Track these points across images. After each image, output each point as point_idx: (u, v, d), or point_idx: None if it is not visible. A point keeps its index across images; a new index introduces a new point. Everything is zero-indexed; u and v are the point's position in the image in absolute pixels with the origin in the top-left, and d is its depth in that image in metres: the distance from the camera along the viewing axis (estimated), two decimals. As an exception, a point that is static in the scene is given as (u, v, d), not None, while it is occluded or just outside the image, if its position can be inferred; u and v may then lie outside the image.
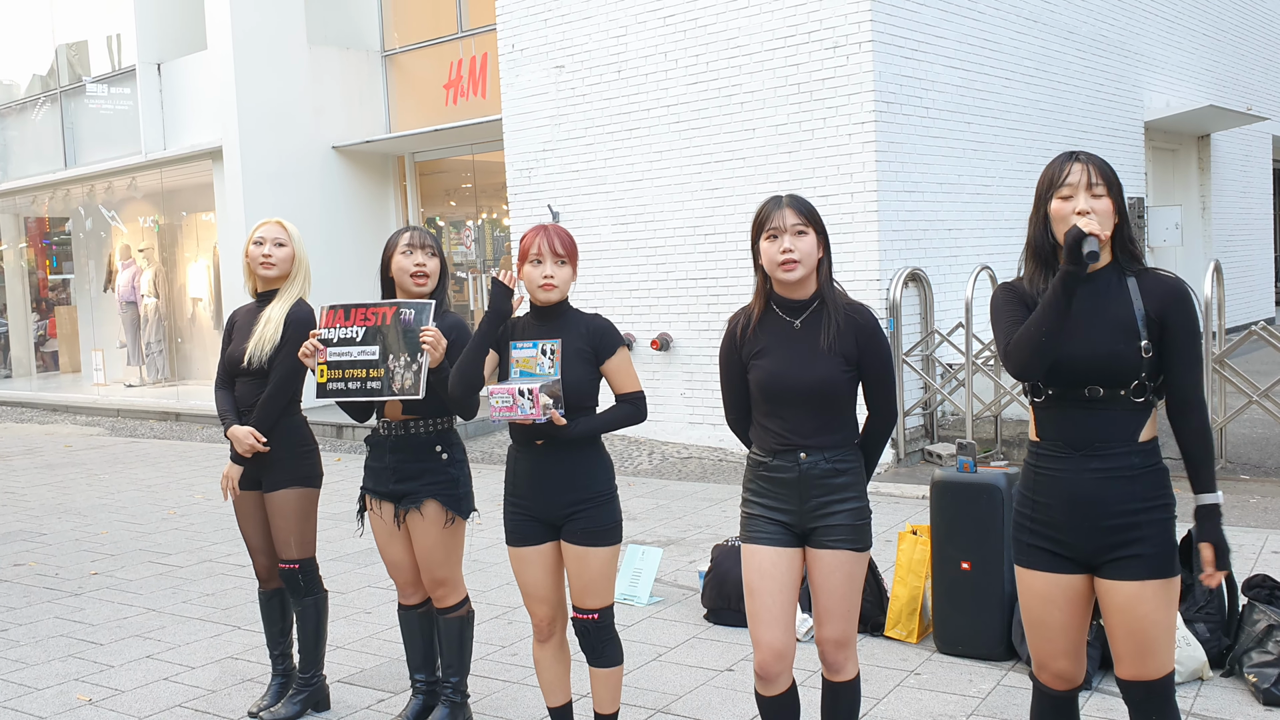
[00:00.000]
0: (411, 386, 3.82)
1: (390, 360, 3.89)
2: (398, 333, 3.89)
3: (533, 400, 3.42)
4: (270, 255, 4.38)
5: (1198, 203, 16.02)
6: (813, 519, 3.26)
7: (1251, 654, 4.37)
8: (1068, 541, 2.86)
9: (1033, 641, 3.00)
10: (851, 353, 3.23)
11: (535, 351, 3.55)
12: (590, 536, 3.61)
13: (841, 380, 3.22)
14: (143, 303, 16.11)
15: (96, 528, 8.28)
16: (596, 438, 3.67)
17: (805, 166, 9.38)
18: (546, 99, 11.08)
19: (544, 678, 3.84)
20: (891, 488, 8.34)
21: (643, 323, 10.56)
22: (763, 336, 3.32)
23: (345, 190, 13.93)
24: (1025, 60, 11.02)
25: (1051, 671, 2.99)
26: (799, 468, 3.24)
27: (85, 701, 4.79)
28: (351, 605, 6.03)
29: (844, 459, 3.27)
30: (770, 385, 3.26)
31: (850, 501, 3.26)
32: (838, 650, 3.30)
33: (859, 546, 3.26)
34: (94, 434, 13.87)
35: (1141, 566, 2.77)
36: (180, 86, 14.54)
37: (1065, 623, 2.92)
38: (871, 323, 3.27)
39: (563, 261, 3.59)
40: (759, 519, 3.32)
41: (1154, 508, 2.79)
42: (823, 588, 3.27)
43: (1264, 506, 7.30)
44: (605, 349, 3.62)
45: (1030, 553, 2.93)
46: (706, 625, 5.48)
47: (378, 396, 3.90)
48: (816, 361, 3.21)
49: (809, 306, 3.28)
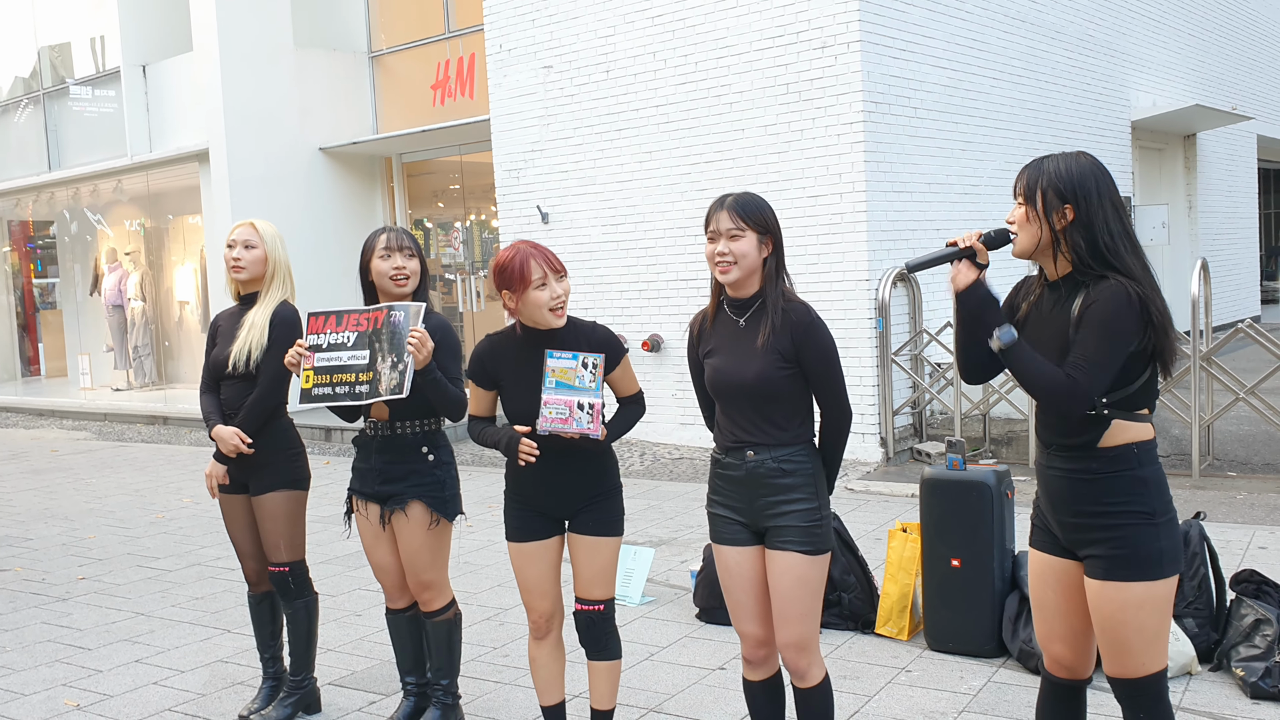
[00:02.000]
0: (396, 386, 3.81)
1: (378, 363, 3.88)
2: (388, 335, 3.88)
3: (592, 415, 3.43)
4: (239, 258, 4.36)
5: (1184, 202, 16.09)
6: (764, 518, 3.28)
7: (1239, 648, 4.39)
8: (1050, 528, 2.99)
9: (1035, 621, 3.09)
10: (788, 350, 3.23)
11: (575, 364, 3.49)
12: (601, 526, 3.66)
13: (779, 378, 3.22)
14: (129, 306, 16.05)
15: (84, 532, 8.24)
16: None
17: (794, 167, 9.39)
18: (535, 99, 11.07)
19: (539, 676, 3.84)
20: (881, 486, 8.35)
21: (633, 324, 10.56)
22: (714, 336, 3.38)
23: (332, 192, 13.90)
24: (1013, 60, 11.06)
25: (1050, 655, 3.06)
26: (745, 465, 3.28)
27: (73, 707, 4.76)
28: (342, 608, 6.02)
29: (792, 459, 3.25)
30: (716, 382, 3.33)
31: (800, 503, 3.24)
32: (798, 654, 3.29)
33: (810, 549, 3.23)
34: (81, 438, 13.81)
35: (1098, 566, 2.82)
36: (165, 89, 14.49)
37: (1059, 605, 2.99)
38: (806, 319, 3.24)
39: (561, 276, 3.58)
40: (720, 519, 3.38)
41: (1113, 512, 2.80)
42: (775, 590, 3.27)
43: (1251, 503, 7.33)
44: (613, 360, 3.64)
45: (1034, 532, 3.06)
46: (698, 624, 5.47)
47: (365, 400, 3.88)
48: (754, 359, 3.24)
49: (752, 305, 3.32)
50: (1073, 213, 2.82)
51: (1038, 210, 2.86)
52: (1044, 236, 2.87)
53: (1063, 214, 2.83)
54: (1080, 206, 2.82)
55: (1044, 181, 2.86)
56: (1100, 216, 2.81)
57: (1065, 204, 2.83)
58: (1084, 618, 2.97)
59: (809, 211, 9.30)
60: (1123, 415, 2.81)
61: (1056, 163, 2.88)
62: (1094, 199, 2.82)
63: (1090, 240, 2.82)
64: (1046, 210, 2.84)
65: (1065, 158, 2.89)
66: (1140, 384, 2.83)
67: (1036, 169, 2.90)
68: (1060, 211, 2.83)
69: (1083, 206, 2.82)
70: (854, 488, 8.41)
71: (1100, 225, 2.81)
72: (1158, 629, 2.81)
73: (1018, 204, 2.93)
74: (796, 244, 9.20)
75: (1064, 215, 2.83)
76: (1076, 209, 2.82)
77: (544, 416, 3.47)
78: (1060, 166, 2.86)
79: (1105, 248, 2.81)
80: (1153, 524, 2.79)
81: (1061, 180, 2.84)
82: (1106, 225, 2.82)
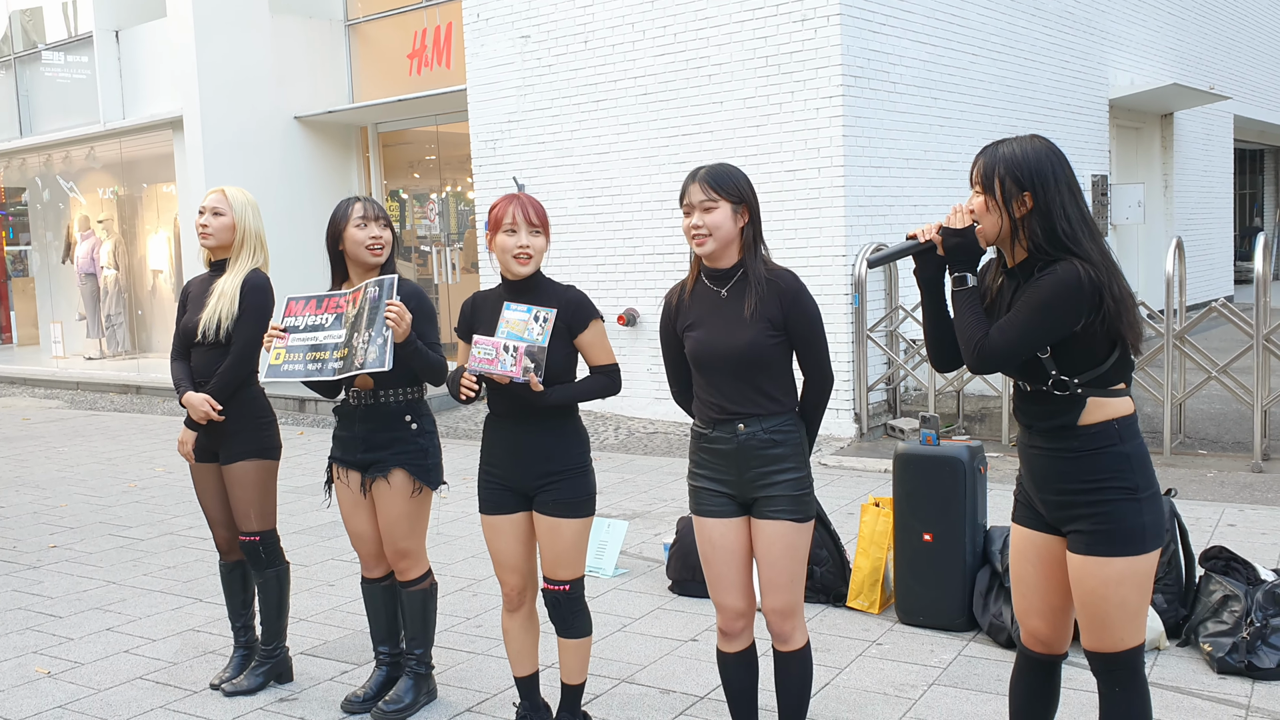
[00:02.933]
0: (376, 359, 3.79)
1: (355, 338, 3.86)
2: (367, 311, 3.86)
3: (515, 357, 3.43)
4: (207, 225, 4.33)
5: (1160, 181, 16.15)
6: (753, 489, 3.30)
7: (1207, 624, 4.43)
8: (1034, 504, 2.99)
9: (1014, 596, 3.11)
10: (776, 317, 3.25)
11: (528, 316, 3.51)
12: (562, 508, 3.62)
13: (768, 345, 3.24)
14: (102, 275, 15.90)
15: (55, 500, 8.19)
16: (572, 411, 3.68)
17: (772, 140, 9.36)
18: (512, 69, 10.99)
19: (512, 647, 3.85)
20: (854, 461, 8.39)
21: (609, 298, 10.53)
22: (694, 308, 3.37)
23: (307, 161, 13.79)
24: (992, 36, 11.04)
25: (1027, 629, 3.08)
26: (737, 438, 3.28)
27: (44, 674, 4.74)
28: (314, 578, 6.00)
29: (781, 429, 3.28)
30: (701, 354, 3.32)
31: (790, 472, 3.28)
32: (784, 620, 3.34)
33: (799, 517, 3.29)
34: (53, 407, 13.70)
35: (1080, 542, 2.83)
36: (139, 54, 14.31)
37: (1038, 580, 3.00)
38: (794, 286, 3.27)
39: (537, 231, 3.57)
40: (704, 491, 3.38)
41: (1096, 489, 2.80)
42: (764, 558, 3.31)
43: (1221, 480, 7.40)
44: (578, 323, 3.61)
45: (1017, 507, 3.07)
46: (671, 597, 5.49)
47: (339, 375, 3.87)
48: (742, 328, 3.24)
49: (734, 275, 3.31)
50: (1031, 200, 2.79)
51: (996, 199, 2.83)
52: (1005, 224, 2.84)
53: (1022, 201, 2.80)
54: (1038, 194, 2.79)
55: (1001, 169, 2.82)
56: (1058, 203, 2.78)
57: (1024, 191, 2.80)
58: (1063, 593, 2.98)
59: (786, 186, 9.28)
60: (1098, 393, 2.81)
61: (1012, 148, 2.83)
62: (1051, 185, 2.79)
63: (1048, 228, 2.78)
64: (1005, 199, 2.81)
65: (1019, 142, 2.85)
66: (1111, 363, 2.82)
67: (992, 156, 2.85)
68: (1020, 199, 2.80)
69: (1040, 194, 2.78)
70: (828, 463, 8.44)
71: (1059, 213, 2.78)
72: (1139, 604, 2.82)
73: (975, 192, 2.90)
74: (774, 219, 9.19)
75: (1023, 203, 2.80)
76: (1035, 196, 2.79)
77: (473, 356, 3.49)
78: (1016, 152, 2.82)
79: (1064, 234, 2.78)
80: (1135, 499, 2.80)
81: (1019, 167, 2.80)
82: (1064, 212, 2.78)
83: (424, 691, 4.23)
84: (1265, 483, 7.30)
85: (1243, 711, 3.97)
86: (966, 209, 2.90)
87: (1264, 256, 7.74)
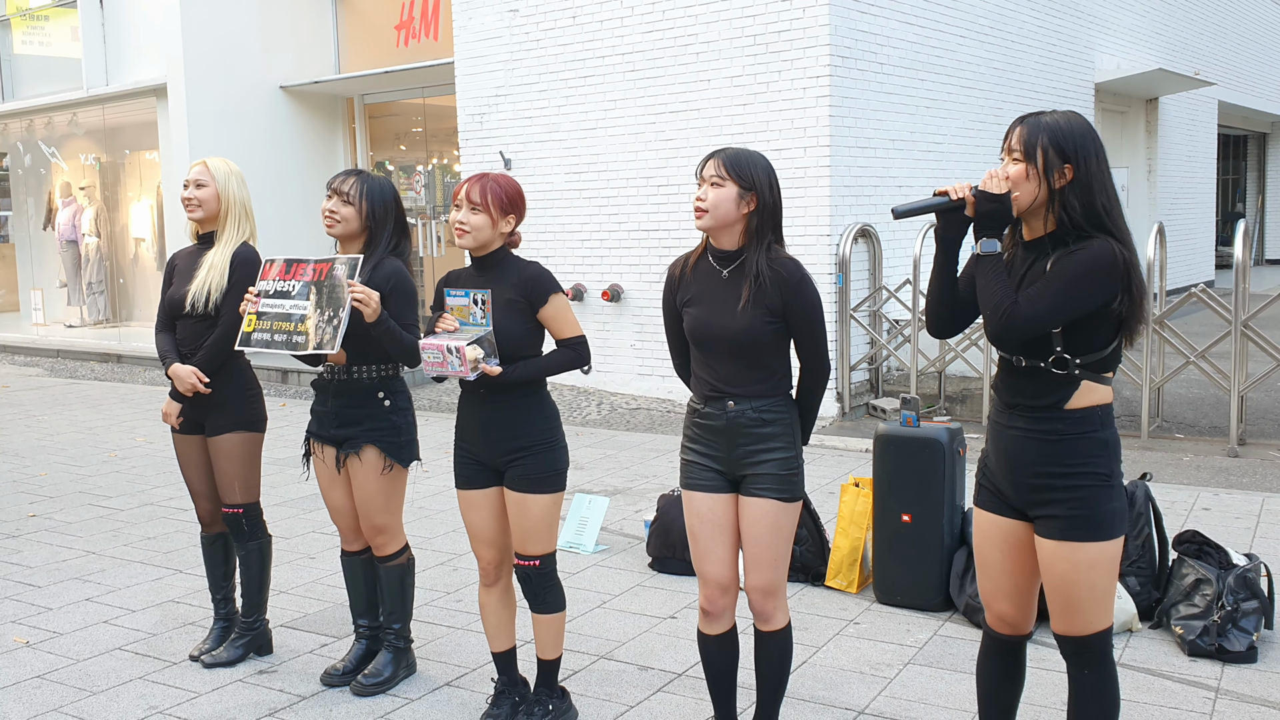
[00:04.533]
0: (328, 341, 3.79)
1: (316, 315, 3.85)
2: (328, 288, 3.86)
3: (460, 357, 3.45)
4: (191, 197, 4.32)
5: (1144, 165, 16.20)
6: (741, 466, 3.33)
7: (1179, 607, 4.49)
8: (1001, 488, 2.98)
9: (979, 580, 3.12)
10: (776, 305, 3.26)
11: (467, 301, 3.55)
12: (529, 483, 3.63)
13: (764, 331, 3.26)
14: (84, 242, 15.79)
15: (35, 469, 8.17)
16: (540, 385, 3.68)
17: (759, 119, 9.36)
18: (500, 43, 10.94)
19: (488, 622, 3.87)
20: (835, 440, 8.43)
21: (594, 273, 10.53)
22: (695, 283, 3.39)
23: (293, 131, 13.70)
24: (980, 18, 11.04)
25: (994, 612, 3.10)
26: (726, 415, 3.31)
27: (23, 644, 4.74)
28: (295, 550, 6.02)
29: (771, 409, 3.31)
30: (698, 332, 3.35)
31: (778, 452, 3.31)
32: (766, 599, 3.37)
33: (786, 496, 3.32)
34: (33, 375, 13.64)
35: (1054, 527, 2.84)
36: (124, 20, 14.17)
37: (1004, 565, 3.02)
38: (796, 276, 3.27)
39: (475, 209, 3.57)
40: (694, 465, 3.41)
41: (1075, 474, 2.81)
42: (749, 535, 3.34)
43: (1196, 465, 7.47)
44: (538, 298, 3.61)
45: (980, 492, 3.07)
46: (651, 574, 5.52)
47: (300, 350, 3.86)
48: (740, 312, 3.26)
49: (737, 258, 3.33)
50: (1072, 172, 2.78)
51: (1038, 167, 2.79)
52: (1041, 194, 2.81)
53: (1062, 172, 2.78)
54: (1080, 166, 2.77)
55: (1045, 138, 2.79)
56: (1099, 178, 2.78)
57: (1066, 163, 2.77)
58: (1029, 576, 3.02)
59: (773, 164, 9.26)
60: (1091, 377, 2.82)
61: (1055, 119, 2.81)
62: (1093, 159, 2.78)
63: (1087, 201, 2.77)
64: (1047, 168, 2.79)
65: (1063, 115, 2.83)
66: (1111, 349, 2.84)
67: (1035, 125, 2.82)
68: (1060, 170, 2.78)
69: (1082, 167, 2.77)
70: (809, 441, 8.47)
71: (1099, 187, 2.78)
72: (1107, 588, 2.85)
73: (1011, 159, 2.84)
74: (759, 197, 9.17)
75: (1063, 174, 2.78)
76: (1076, 169, 2.78)
77: (425, 361, 3.52)
78: (1060, 122, 2.80)
79: (1103, 209, 2.77)
80: (1109, 485, 2.83)
81: (1064, 137, 2.78)
82: (1104, 187, 2.78)
83: (403, 665, 4.25)
84: (1240, 468, 7.37)
85: (1212, 694, 4.03)
86: (1003, 174, 2.84)
87: (1244, 243, 7.79)
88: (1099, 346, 2.82)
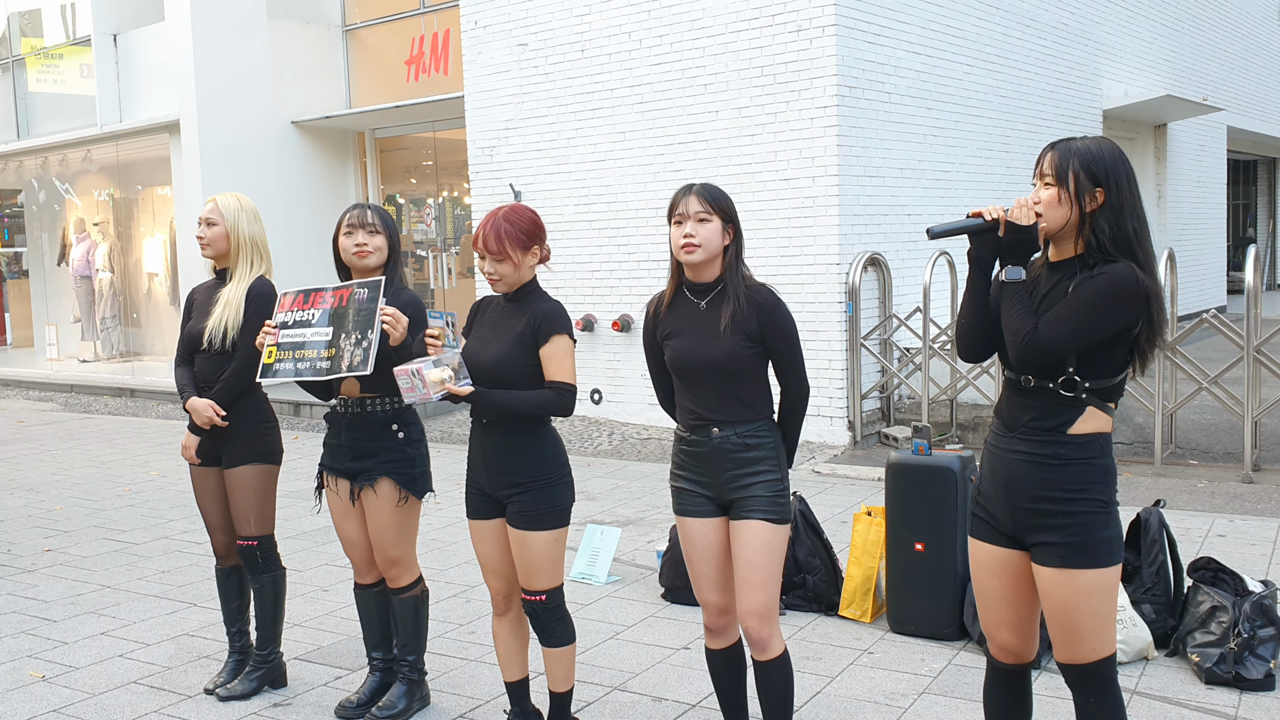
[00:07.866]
0: (360, 363, 3.81)
1: (341, 339, 3.88)
2: (353, 311, 3.89)
3: (421, 380, 3.47)
4: (202, 235, 4.40)
5: (1153, 191, 16.21)
6: (730, 491, 3.40)
7: (1195, 634, 4.46)
8: (997, 515, 2.98)
9: (980, 610, 3.11)
10: (754, 330, 3.36)
11: (443, 323, 3.59)
12: (526, 520, 3.63)
13: (745, 356, 3.35)
14: (97, 277, 15.90)
15: (50, 504, 8.20)
16: (542, 422, 3.68)
17: (767, 150, 9.40)
18: (509, 77, 11.03)
19: (501, 652, 3.88)
20: (848, 469, 8.42)
21: (604, 304, 10.57)
22: (674, 318, 3.50)
23: (304, 166, 13.81)
24: (987, 47, 11.10)
25: (997, 642, 3.09)
26: (711, 442, 3.40)
27: (38, 678, 4.76)
28: (309, 583, 6.02)
29: (756, 434, 3.39)
30: (679, 363, 3.44)
31: (765, 475, 3.38)
32: (760, 624, 3.38)
33: (775, 518, 3.37)
34: (47, 409, 13.70)
35: (1052, 554, 2.84)
36: (137, 58, 14.33)
37: (1004, 594, 3.02)
38: (771, 300, 3.40)
39: (499, 259, 3.60)
40: (685, 491, 3.49)
41: (1074, 499, 2.82)
42: (740, 558, 3.38)
43: (1211, 491, 7.44)
44: (542, 334, 3.61)
45: (974, 522, 3.06)
46: (664, 604, 5.52)
47: (326, 375, 3.88)
48: (720, 340, 3.35)
49: (714, 289, 3.44)
50: (1103, 196, 2.80)
51: (1069, 191, 2.82)
52: (1072, 218, 2.84)
53: (1093, 196, 2.80)
54: (1111, 191, 2.80)
55: (1076, 162, 2.82)
56: (1130, 203, 2.81)
57: (1097, 186, 2.80)
58: (1029, 604, 3.01)
59: (781, 195, 9.32)
60: (1097, 403, 2.83)
61: (1086, 144, 2.85)
62: (1124, 184, 2.81)
63: (1117, 225, 2.79)
64: (1078, 192, 2.81)
65: (1094, 140, 2.86)
66: (1120, 378, 2.85)
67: (1067, 149, 2.85)
68: (1091, 194, 2.80)
69: (1113, 191, 2.80)
70: (821, 470, 8.47)
71: (1129, 211, 2.80)
72: (1107, 615, 2.85)
73: (1043, 184, 2.87)
74: (768, 226, 9.23)
75: (1094, 198, 2.80)
76: (1107, 192, 2.80)
77: (401, 387, 3.53)
78: (1091, 147, 2.83)
79: (1133, 233, 2.79)
80: (1106, 512, 2.84)
81: (1095, 161, 2.81)
82: (1135, 211, 2.81)
83: (417, 697, 4.25)
84: (1255, 494, 7.34)
85: (1229, 722, 4.01)
86: (1031, 202, 2.86)
87: (1255, 268, 7.79)
88: (1109, 373, 2.83)
